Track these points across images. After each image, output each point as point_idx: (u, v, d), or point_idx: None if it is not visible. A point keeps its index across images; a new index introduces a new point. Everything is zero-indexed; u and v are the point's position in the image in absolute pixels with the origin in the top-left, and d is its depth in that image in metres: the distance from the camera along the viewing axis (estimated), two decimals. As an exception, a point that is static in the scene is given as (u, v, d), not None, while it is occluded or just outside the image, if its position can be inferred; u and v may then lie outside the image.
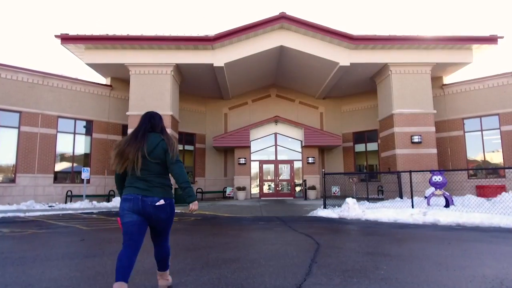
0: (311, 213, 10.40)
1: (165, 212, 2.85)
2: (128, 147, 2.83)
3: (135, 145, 2.83)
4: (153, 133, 2.97)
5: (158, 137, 2.94)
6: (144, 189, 2.79)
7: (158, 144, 2.88)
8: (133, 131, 2.99)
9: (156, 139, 2.92)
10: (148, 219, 2.81)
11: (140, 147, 2.82)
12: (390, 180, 16.63)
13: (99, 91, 17.65)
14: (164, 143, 2.89)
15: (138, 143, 2.85)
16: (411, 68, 16.87)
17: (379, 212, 9.08)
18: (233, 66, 17.02)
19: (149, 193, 2.79)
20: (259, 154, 20.55)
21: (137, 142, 2.85)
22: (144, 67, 16.26)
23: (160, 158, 2.86)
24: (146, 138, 2.90)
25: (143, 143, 2.85)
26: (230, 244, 5.53)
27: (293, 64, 18.80)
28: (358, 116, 21.74)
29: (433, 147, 16.42)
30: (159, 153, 2.86)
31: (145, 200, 2.76)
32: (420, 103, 16.68)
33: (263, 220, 9.24)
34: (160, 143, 2.89)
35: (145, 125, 3.01)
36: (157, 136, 2.96)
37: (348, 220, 9.15)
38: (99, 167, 17.34)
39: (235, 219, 9.53)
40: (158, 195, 2.81)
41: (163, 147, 2.87)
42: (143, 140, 2.87)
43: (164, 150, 2.87)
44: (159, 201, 2.79)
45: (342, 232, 7.13)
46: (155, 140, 2.90)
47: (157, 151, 2.85)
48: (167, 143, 2.89)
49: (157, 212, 2.79)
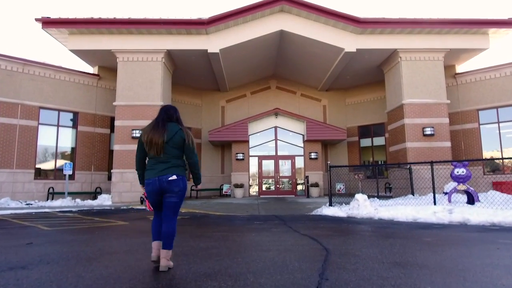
0: (315, 212, 9.11)
1: (178, 185, 3.27)
2: (154, 134, 3.27)
3: (158, 132, 3.27)
4: (172, 123, 3.38)
5: (176, 127, 3.37)
6: (161, 169, 3.25)
7: (177, 132, 3.32)
8: (154, 121, 3.40)
9: (175, 128, 3.35)
10: (163, 193, 3.27)
11: (162, 133, 3.26)
12: (399, 176, 15.33)
13: (85, 80, 16.38)
14: (182, 132, 3.35)
15: (160, 130, 3.29)
16: (423, 55, 15.54)
17: (395, 210, 7.79)
18: (229, 53, 15.73)
19: (165, 173, 3.25)
20: (258, 149, 19.26)
21: (159, 129, 3.29)
22: (132, 54, 14.99)
23: (178, 144, 3.33)
24: (166, 127, 3.32)
25: (164, 131, 3.28)
26: (211, 251, 4.24)
27: (294, 52, 17.50)
28: (363, 108, 20.41)
29: (446, 140, 15.10)
30: (178, 140, 3.31)
31: (161, 179, 3.24)
32: (432, 92, 15.36)
33: (259, 220, 7.96)
34: (178, 132, 3.33)
35: (162, 116, 3.40)
36: (175, 125, 3.38)
37: (359, 219, 7.86)
38: (85, 163, 16.08)
39: (227, 218, 8.26)
40: (172, 172, 3.26)
41: (182, 136, 3.33)
42: (164, 128, 3.30)
43: (183, 138, 3.33)
44: (172, 177, 3.25)
45: (355, 233, 5.84)
46: (174, 129, 3.34)
47: (176, 138, 3.31)
48: (184, 133, 3.36)
49: (170, 186, 3.25)
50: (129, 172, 14.24)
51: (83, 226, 7.05)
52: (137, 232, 6.25)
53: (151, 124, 3.41)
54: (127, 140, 14.46)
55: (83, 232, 6.16)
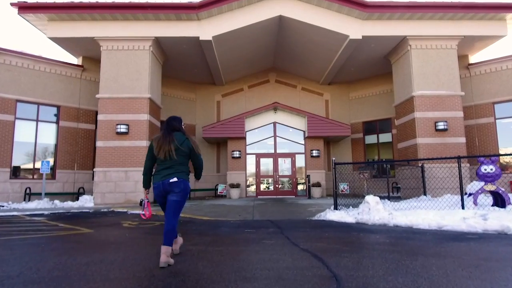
0: (317, 216, 7.83)
1: (179, 187, 3.61)
2: (163, 142, 3.64)
3: (166, 141, 3.65)
4: (178, 132, 3.76)
5: (182, 136, 3.75)
6: (167, 174, 3.62)
7: (184, 141, 3.71)
8: (163, 132, 3.77)
9: (182, 137, 3.74)
10: (167, 194, 3.63)
11: (170, 141, 3.64)
12: (409, 175, 14.03)
13: (68, 72, 15.12)
14: (189, 142, 3.76)
15: (168, 138, 3.66)
16: (434, 43, 14.22)
17: (414, 215, 6.50)
18: (223, 42, 14.44)
19: (168, 177, 3.61)
20: (255, 147, 17.98)
21: (168, 139, 3.67)
22: (117, 42, 13.72)
23: (185, 152, 3.72)
24: (173, 136, 3.69)
25: (172, 139, 3.65)
26: (170, 281, 2.96)
27: (294, 41, 16.21)
28: (368, 103, 19.10)
29: (461, 135, 13.79)
30: (185, 149, 3.70)
31: (165, 182, 3.60)
32: (445, 83, 14.05)
33: (251, 226, 6.68)
34: (185, 141, 3.73)
35: (168, 126, 3.80)
36: (181, 135, 3.76)
37: (370, 226, 6.58)
38: (68, 161, 14.82)
39: (214, 225, 6.98)
40: (175, 176, 3.61)
41: (188, 145, 3.73)
42: (171, 137, 3.68)
43: (189, 148, 3.74)
44: (173, 179, 3.59)
45: (370, 248, 4.56)
46: (181, 138, 3.72)
47: (183, 147, 3.68)
48: (192, 143, 3.77)
49: (171, 187, 3.60)
50: (113, 171, 12.99)
51: (36, 235, 5.78)
52: (96, 244, 4.99)
53: (159, 135, 3.78)
54: (111, 136, 13.20)
55: (25, 245, 4.88)
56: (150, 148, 3.74)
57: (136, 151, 13.15)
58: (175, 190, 3.57)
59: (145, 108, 13.41)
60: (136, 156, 13.11)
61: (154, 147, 3.67)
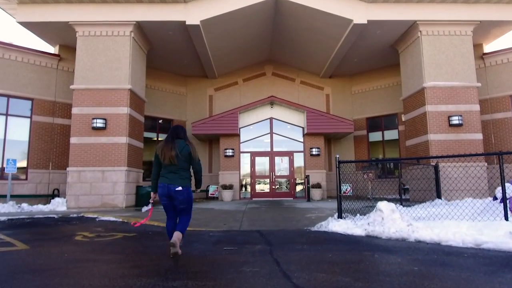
0: (318, 226, 6.42)
1: (183, 195, 4.11)
2: (165, 148, 4.14)
3: (168, 147, 4.13)
4: (180, 140, 4.23)
5: (183, 143, 4.21)
6: (171, 179, 4.10)
7: (184, 147, 4.17)
8: (165, 139, 4.27)
9: (182, 144, 4.20)
10: (172, 199, 4.14)
11: (172, 148, 4.11)
12: (419, 176, 12.60)
13: (42, 61, 13.70)
14: (188, 148, 4.20)
15: (171, 145, 4.15)
16: (447, 28, 12.83)
17: (441, 227, 5.11)
18: (213, 27, 13.03)
19: (173, 182, 4.09)
20: (250, 144, 16.57)
21: (170, 145, 4.15)
22: (95, 27, 12.31)
23: (185, 157, 4.16)
24: (175, 143, 4.16)
25: (174, 146, 4.13)
26: None
27: (292, 29, 14.80)
28: (372, 98, 17.68)
29: (477, 131, 12.41)
30: (185, 154, 4.16)
31: (170, 187, 4.08)
32: (460, 73, 12.66)
33: (234, 242, 5.28)
34: (185, 147, 4.18)
35: (171, 134, 4.28)
36: (182, 142, 4.23)
37: (385, 240, 5.19)
38: (42, 159, 13.41)
39: (187, 239, 5.56)
40: (179, 183, 4.10)
41: (188, 151, 4.18)
42: (173, 144, 4.14)
43: (189, 153, 4.18)
44: (178, 187, 4.09)
45: (394, 282, 3.14)
46: (181, 145, 4.18)
47: (183, 152, 4.14)
48: (190, 148, 4.21)
49: (177, 194, 4.09)
50: (88, 171, 11.58)
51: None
52: (15, 271, 3.58)
53: (163, 142, 4.27)
54: (87, 132, 11.79)
55: None
56: (156, 155, 4.21)
57: (115, 149, 11.75)
58: (179, 198, 4.09)
59: (125, 100, 12.00)
60: (114, 154, 11.71)
61: (159, 153, 4.15)
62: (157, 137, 16.80)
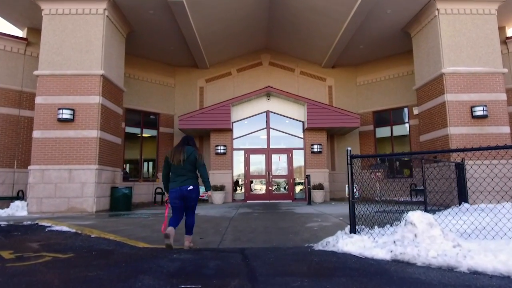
0: (323, 244, 4.76)
1: (195, 192, 4.69)
2: (175, 153, 4.71)
3: (178, 151, 4.71)
4: (189, 146, 4.81)
5: (191, 149, 4.77)
6: (182, 181, 4.63)
7: (191, 153, 4.72)
8: (176, 145, 4.88)
9: (190, 150, 4.75)
10: (184, 199, 4.63)
11: (182, 152, 4.68)
12: (436, 175, 10.95)
13: (7, 46, 12.08)
14: (196, 153, 4.76)
15: (180, 150, 4.72)
16: (469, 6, 11.19)
17: (508, 251, 3.46)
18: (200, 6, 11.39)
19: (184, 183, 4.62)
20: (245, 141, 14.92)
21: (180, 150, 4.72)
22: (63, 4, 10.67)
23: (192, 161, 4.71)
24: (185, 149, 4.72)
25: (183, 151, 4.69)
26: None
27: (290, 11, 13.14)
28: (379, 89, 16.03)
29: (504, 123, 10.77)
30: (192, 159, 4.70)
31: (182, 188, 4.62)
32: (483, 57, 11.02)
33: (201, 272, 3.63)
34: (192, 153, 4.73)
35: (182, 141, 4.89)
36: (191, 148, 4.79)
37: (422, 268, 3.56)
38: (5, 157, 11.80)
39: (133, 266, 3.91)
40: (190, 183, 4.64)
41: (195, 155, 4.73)
42: (182, 150, 4.71)
43: (195, 157, 4.73)
44: (190, 187, 4.63)
45: None
46: (189, 150, 4.74)
47: (191, 157, 4.69)
48: (197, 153, 4.77)
49: (189, 193, 4.63)
50: (53, 170, 9.94)
51: None
52: None
53: (174, 147, 4.87)
54: (51, 124, 10.15)
55: None
56: (166, 158, 4.79)
57: (84, 144, 10.11)
58: (192, 196, 4.66)
59: (96, 88, 10.35)
60: (83, 150, 10.07)
61: (169, 156, 4.73)
62: (141, 132, 15.15)
